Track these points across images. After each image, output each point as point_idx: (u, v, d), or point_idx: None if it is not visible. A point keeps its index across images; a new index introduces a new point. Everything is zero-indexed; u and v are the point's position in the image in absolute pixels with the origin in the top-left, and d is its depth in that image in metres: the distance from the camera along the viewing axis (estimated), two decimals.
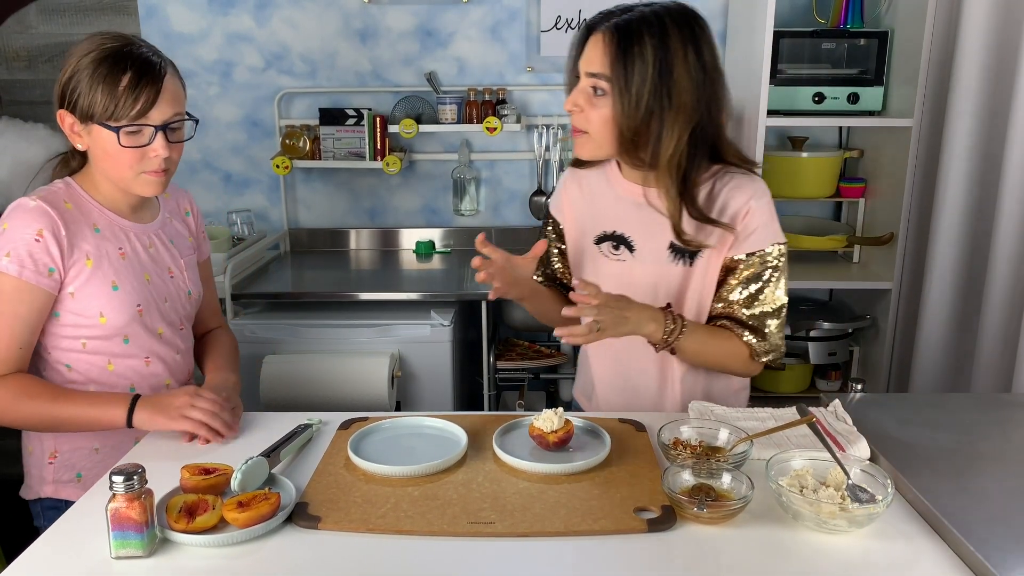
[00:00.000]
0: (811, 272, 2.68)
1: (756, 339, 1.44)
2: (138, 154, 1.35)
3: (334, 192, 2.97)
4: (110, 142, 1.34)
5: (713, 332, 1.46)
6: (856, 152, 2.75)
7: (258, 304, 2.50)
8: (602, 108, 1.37)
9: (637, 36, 1.32)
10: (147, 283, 1.46)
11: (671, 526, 1.08)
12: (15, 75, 2.87)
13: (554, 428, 1.26)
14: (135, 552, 1.02)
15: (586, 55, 1.37)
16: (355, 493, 1.16)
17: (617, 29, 1.34)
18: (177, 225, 1.58)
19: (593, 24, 1.38)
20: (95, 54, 1.33)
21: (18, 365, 1.36)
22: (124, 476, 1.00)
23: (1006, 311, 2.10)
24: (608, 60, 1.34)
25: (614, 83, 1.34)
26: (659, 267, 1.47)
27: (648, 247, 1.47)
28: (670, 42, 1.33)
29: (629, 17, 1.35)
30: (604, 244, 1.51)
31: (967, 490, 1.14)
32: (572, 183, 1.58)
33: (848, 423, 1.33)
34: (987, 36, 2.12)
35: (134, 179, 1.38)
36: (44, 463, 1.46)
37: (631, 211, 1.48)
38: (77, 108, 1.34)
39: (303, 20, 2.83)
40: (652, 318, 1.39)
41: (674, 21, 1.34)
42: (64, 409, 1.34)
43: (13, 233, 1.33)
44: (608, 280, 1.45)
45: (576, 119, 1.40)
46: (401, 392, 2.38)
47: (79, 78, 1.33)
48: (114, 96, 1.31)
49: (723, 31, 2.79)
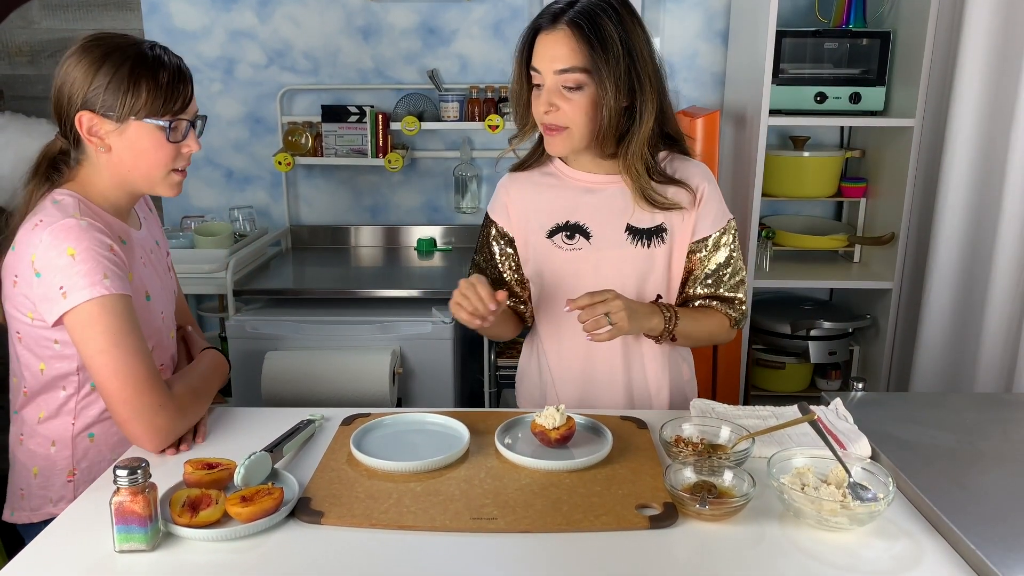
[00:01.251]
0: (812, 271, 2.69)
1: (732, 310, 1.54)
2: (175, 151, 1.34)
3: (336, 189, 2.97)
4: (151, 139, 1.31)
5: (697, 312, 1.53)
6: (858, 152, 2.75)
7: (259, 300, 2.50)
8: (580, 101, 1.37)
9: (601, 23, 1.35)
10: (161, 289, 1.46)
11: (673, 523, 1.09)
12: (18, 70, 2.87)
13: (556, 425, 1.27)
14: (139, 546, 1.02)
15: (548, 54, 1.36)
16: (358, 488, 1.16)
17: (580, 20, 1.34)
18: (152, 224, 1.55)
19: (541, 23, 1.38)
20: (118, 56, 1.29)
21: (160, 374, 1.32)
22: (128, 470, 1.01)
23: (1007, 311, 2.11)
24: (583, 52, 1.34)
25: (594, 73, 1.35)
26: (619, 251, 1.49)
27: (605, 232, 1.49)
28: (625, 23, 1.37)
29: (582, 7, 1.36)
30: (557, 236, 1.51)
31: (968, 489, 1.14)
32: (511, 185, 1.57)
33: (849, 422, 1.33)
34: (989, 36, 2.12)
35: (163, 179, 1.36)
36: (62, 481, 1.39)
37: (583, 198, 1.50)
38: (112, 108, 1.29)
39: (306, 17, 2.83)
40: (653, 312, 1.45)
41: (620, 4, 1.38)
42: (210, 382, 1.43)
43: (88, 255, 1.25)
44: (566, 270, 1.51)
45: (553, 118, 1.39)
46: (402, 389, 2.38)
47: (107, 78, 1.28)
48: (159, 91, 1.29)
49: (725, 30, 2.79)
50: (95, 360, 1.24)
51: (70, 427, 1.37)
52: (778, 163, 2.65)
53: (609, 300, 1.35)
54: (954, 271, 2.28)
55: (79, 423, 1.37)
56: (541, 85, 1.39)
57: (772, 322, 2.66)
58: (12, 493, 1.44)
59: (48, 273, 1.25)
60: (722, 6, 2.78)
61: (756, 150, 2.46)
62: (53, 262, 1.24)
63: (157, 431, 1.26)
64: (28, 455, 1.40)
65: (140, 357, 1.25)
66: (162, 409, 1.26)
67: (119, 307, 1.25)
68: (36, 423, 1.38)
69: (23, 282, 1.29)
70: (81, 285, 1.23)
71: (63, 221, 1.26)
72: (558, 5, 1.38)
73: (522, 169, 1.57)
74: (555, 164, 1.54)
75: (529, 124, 1.48)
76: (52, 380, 1.36)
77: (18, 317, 1.33)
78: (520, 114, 1.49)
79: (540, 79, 1.39)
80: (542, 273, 1.55)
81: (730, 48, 2.77)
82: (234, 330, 2.35)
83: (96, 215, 1.32)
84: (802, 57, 2.54)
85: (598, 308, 1.35)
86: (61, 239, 1.24)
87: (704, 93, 2.85)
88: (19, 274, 1.30)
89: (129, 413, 1.24)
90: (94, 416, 1.37)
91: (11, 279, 1.32)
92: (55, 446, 1.38)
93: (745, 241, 2.54)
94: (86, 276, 1.23)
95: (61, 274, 1.24)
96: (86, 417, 1.37)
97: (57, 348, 1.33)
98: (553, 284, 1.53)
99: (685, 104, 2.84)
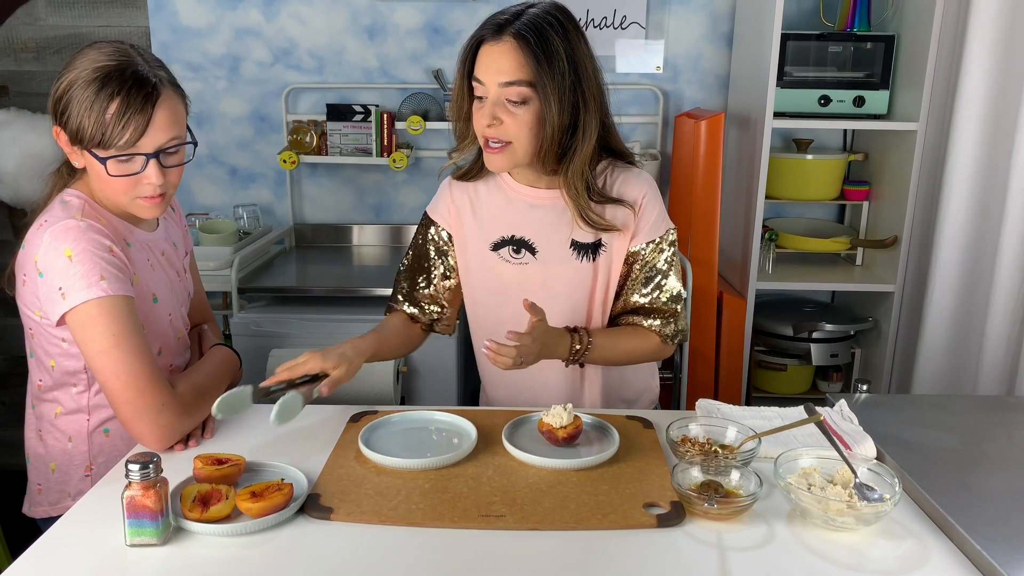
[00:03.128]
0: (814, 274, 2.69)
1: (663, 324, 1.49)
2: (130, 182, 1.28)
3: (340, 187, 2.98)
4: (100, 169, 1.27)
5: (620, 333, 1.49)
6: (861, 155, 2.76)
7: (264, 298, 2.50)
8: (523, 115, 1.33)
9: (548, 36, 1.31)
10: (171, 292, 1.45)
11: (680, 522, 1.09)
12: (23, 66, 2.87)
13: (563, 424, 1.27)
14: (150, 540, 1.03)
15: (493, 66, 1.32)
16: (367, 485, 1.17)
17: (527, 32, 1.30)
18: (172, 225, 1.54)
19: (485, 34, 1.33)
20: (87, 73, 1.24)
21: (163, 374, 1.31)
22: (140, 465, 1.01)
23: (1009, 315, 2.12)
24: (529, 65, 1.30)
25: (539, 87, 1.31)
26: (565, 266, 1.47)
27: (550, 248, 1.47)
28: (571, 37, 1.34)
29: (528, 20, 1.31)
30: (503, 249, 1.49)
31: (973, 490, 1.15)
32: (456, 191, 1.53)
33: (854, 423, 1.34)
34: (994, 41, 2.13)
35: (129, 204, 1.32)
36: (80, 476, 1.40)
37: (527, 214, 1.47)
38: (67, 128, 1.26)
39: (311, 16, 2.84)
40: (559, 343, 1.41)
41: (565, 18, 1.35)
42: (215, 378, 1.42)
43: (85, 256, 1.24)
44: (511, 284, 1.48)
45: (495, 132, 1.34)
46: (406, 388, 2.39)
47: (70, 97, 1.24)
48: (102, 123, 1.22)
49: (730, 33, 2.80)
50: (96, 361, 1.25)
51: (85, 423, 1.38)
52: (781, 166, 2.65)
53: (524, 347, 1.31)
54: (957, 274, 2.29)
55: (94, 419, 1.38)
56: (484, 97, 1.34)
57: (774, 324, 2.67)
58: (30, 488, 1.45)
59: (49, 274, 1.25)
60: (727, 9, 2.79)
61: (760, 152, 2.47)
62: (52, 263, 1.25)
63: (160, 430, 1.26)
64: (46, 450, 1.41)
65: (141, 357, 1.25)
66: (165, 408, 1.26)
67: (118, 308, 1.25)
68: (53, 418, 1.39)
69: (30, 281, 1.30)
70: (78, 286, 1.23)
71: (64, 222, 1.26)
72: (503, 16, 1.33)
73: (465, 178, 1.52)
74: (500, 176, 1.50)
75: (469, 138, 1.43)
76: (63, 377, 1.36)
77: (29, 315, 1.34)
78: (459, 127, 1.43)
79: (483, 91, 1.34)
80: (485, 285, 1.52)
81: (735, 51, 2.78)
82: (238, 327, 2.36)
83: (100, 216, 1.32)
84: (806, 60, 2.55)
85: (512, 351, 1.30)
86: (60, 240, 1.25)
87: (708, 95, 2.85)
88: (27, 273, 1.30)
89: (132, 413, 1.25)
90: (109, 412, 1.38)
91: (21, 278, 1.33)
92: (72, 441, 1.39)
93: (748, 243, 2.55)
94: (83, 277, 1.23)
95: (60, 275, 1.24)
96: (101, 413, 1.38)
97: (64, 347, 1.34)
98: (498, 297, 1.51)
99: (689, 106, 2.85)
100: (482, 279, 1.52)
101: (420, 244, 1.58)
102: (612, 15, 2.76)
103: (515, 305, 1.39)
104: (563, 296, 1.48)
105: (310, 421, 1.40)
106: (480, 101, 1.35)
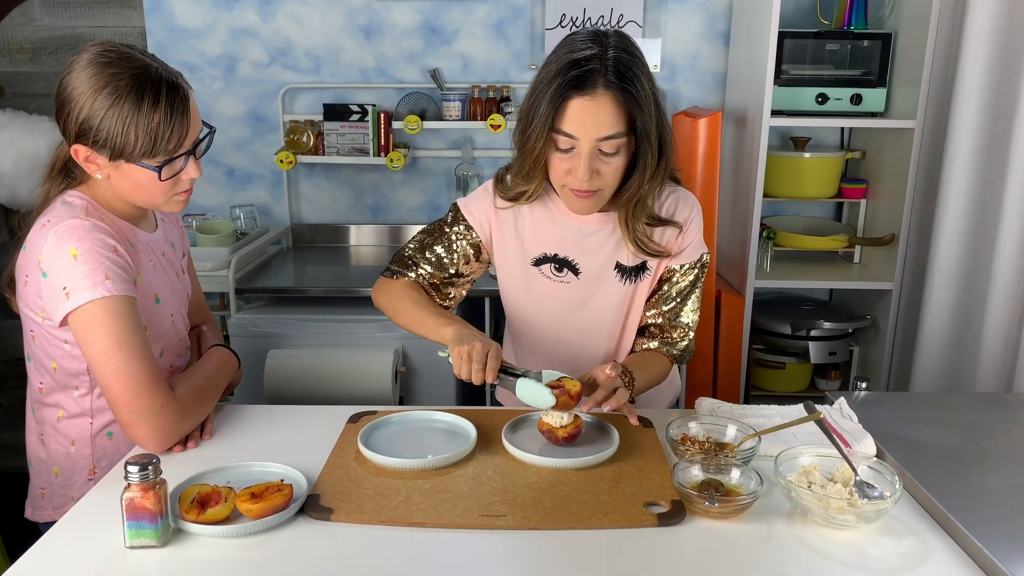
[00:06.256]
0: (812, 272, 2.69)
1: (675, 348, 1.51)
2: (173, 181, 1.31)
3: (337, 188, 2.98)
4: (145, 176, 1.27)
5: (646, 364, 1.48)
6: (858, 153, 2.76)
7: (261, 299, 2.50)
8: (616, 162, 1.32)
9: (639, 83, 1.27)
10: (172, 293, 1.45)
11: (681, 520, 1.09)
12: (19, 67, 2.86)
13: (564, 423, 1.27)
14: (149, 542, 1.02)
15: (589, 121, 1.27)
16: (366, 486, 1.17)
17: (621, 84, 1.26)
18: (170, 226, 1.54)
19: (573, 92, 1.26)
20: (110, 89, 1.22)
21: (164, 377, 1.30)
22: (139, 466, 1.01)
23: (1007, 312, 2.12)
24: (626, 116, 1.28)
25: (637, 134, 1.30)
26: (607, 287, 1.48)
27: (594, 271, 1.47)
28: (648, 71, 1.31)
29: (617, 68, 1.26)
30: (544, 265, 1.48)
31: (973, 487, 1.15)
32: (499, 205, 1.48)
33: (854, 421, 1.34)
34: (991, 38, 2.13)
35: (165, 203, 1.34)
36: (83, 480, 1.39)
37: (574, 238, 1.46)
38: (102, 146, 1.25)
39: (308, 16, 2.83)
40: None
41: (638, 50, 1.31)
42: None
43: (90, 256, 1.24)
44: (551, 300, 1.50)
45: (591, 183, 1.31)
46: (404, 388, 2.39)
47: (99, 115, 1.22)
48: (151, 133, 1.23)
49: (727, 31, 2.80)
50: (97, 361, 1.24)
51: (88, 426, 1.37)
52: (779, 164, 2.66)
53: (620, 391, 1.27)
54: (954, 272, 2.29)
55: (97, 422, 1.38)
56: (571, 149, 1.30)
57: (772, 322, 2.67)
58: (33, 492, 1.44)
59: (53, 274, 1.25)
60: (724, 7, 2.79)
61: (757, 151, 2.47)
62: (57, 263, 1.24)
63: (159, 432, 1.26)
64: (48, 455, 1.40)
65: (142, 359, 1.25)
66: (164, 411, 1.26)
67: (121, 308, 1.25)
68: (55, 423, 1.38)
69: (33, 282, 1.29)
70: (83, 286, 1.23)
71: (68, 221, 1.25)
72: (586, 64, 1.26)
73: (513, 202, 1.46)
74: (549, 197, 1.46)
75: (538, 179, 1.38)
76: (65, 379, 1.36)
77: (31, 316, 1.33)
78: (527, 170, 1.36)
79: (572, 143, 1.29)
80: (526, 297, 1.52)
81: (732, 49, 2.78)
82: (236, 328, 2.35)
83: (104, 217, 1.32)
84: (803, 58, 2.55)
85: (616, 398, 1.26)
86: (64, 239, 1.24)
87: (705, 94, 2.85)
88: (29, 274, 1.30)
89: (131, 415, 1.24)
90: (112, 415, 1.37)
91: (23, 279, 1.32)
92: (75, 445, 1.38)
93: (746, 241, 2.55)
94: (88, 277, 1.23)
95: (64, 275, 1.24)
96: (103, 416, 1.37)
97: (67, 348, 1.33)
98: (536, 309, 1.52)
99: (687, 105, 2.85)
100: (525, 291, 1.52)
101: (440, 229, 1.52)
102: (609, 14, 2.76)
103: (551, 321, 1.49)
104: (601, 316, 1.50)
105: (309, 421, 1.40)
106: (563, 152, 1.31)
